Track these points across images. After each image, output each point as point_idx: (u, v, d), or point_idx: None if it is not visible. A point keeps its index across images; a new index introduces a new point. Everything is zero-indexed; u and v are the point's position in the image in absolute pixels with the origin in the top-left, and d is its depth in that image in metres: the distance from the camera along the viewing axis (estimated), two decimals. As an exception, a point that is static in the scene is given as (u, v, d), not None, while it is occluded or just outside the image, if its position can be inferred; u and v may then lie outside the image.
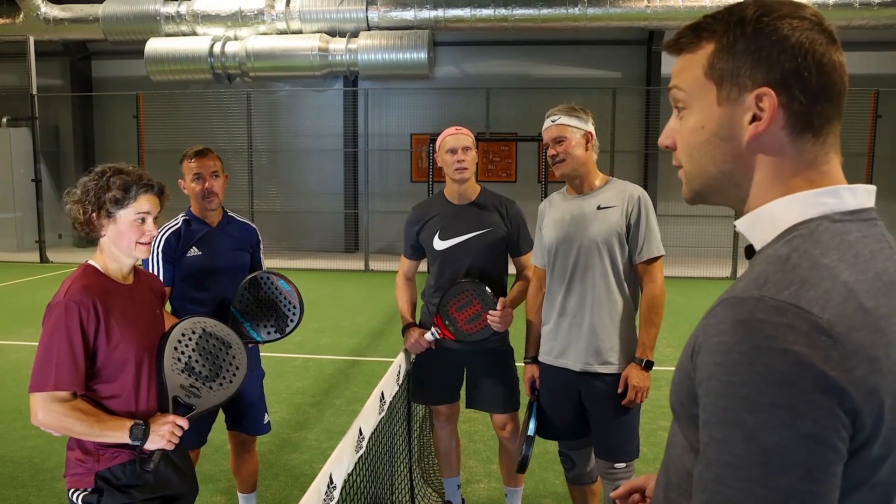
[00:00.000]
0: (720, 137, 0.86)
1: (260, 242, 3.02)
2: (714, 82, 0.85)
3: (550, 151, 2.56)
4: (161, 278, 2.69)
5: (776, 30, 0.81)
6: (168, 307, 2.77)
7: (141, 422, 1.87)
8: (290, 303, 2.68)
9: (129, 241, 1.91)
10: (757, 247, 0.86)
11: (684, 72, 0.89)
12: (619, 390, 2.50)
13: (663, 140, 0.94)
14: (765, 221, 0.84)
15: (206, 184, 2.75)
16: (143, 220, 1.93)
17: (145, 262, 2.72)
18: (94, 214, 1.89)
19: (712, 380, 0.73)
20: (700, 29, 0.87)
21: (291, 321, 2.68)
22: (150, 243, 1.97)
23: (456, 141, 2.81)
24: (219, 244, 2.82)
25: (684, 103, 0.90)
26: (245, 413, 2.93)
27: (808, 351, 0.68)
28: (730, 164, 0.86)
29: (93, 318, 1.84)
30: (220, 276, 2.77)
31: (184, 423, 1.95)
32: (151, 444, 1.89)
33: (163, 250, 2.71)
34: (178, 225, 2.79)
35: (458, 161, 2.79)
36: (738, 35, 0.83)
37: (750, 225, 0.87)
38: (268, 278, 2.69)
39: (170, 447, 1.93)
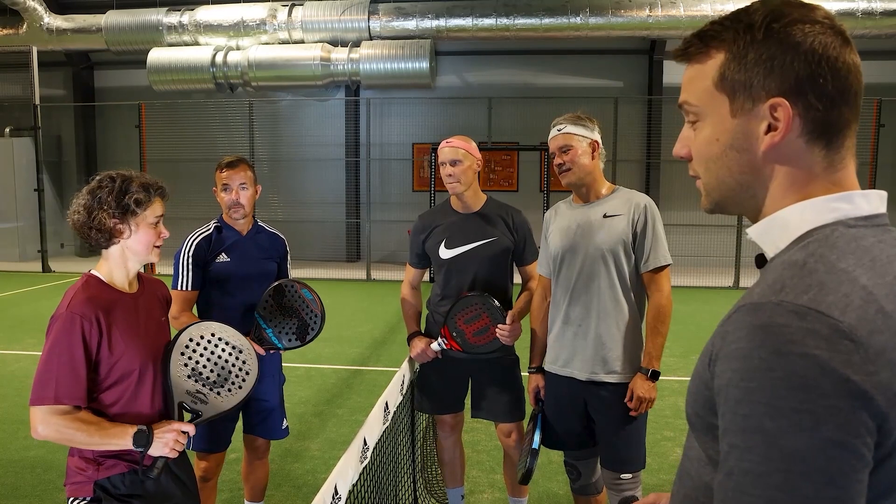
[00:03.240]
0: (736, 149, 0.84)
1: (288, 253, 3.07)
2: (726, 94, 0.84)
3: (557, 160, 2.55)
4: (190, 282, 2.76)
5: (788, 36, 0.79)
6: (194, 310, 2.82)
7: (144, 428, 1.85)
8: (312, 311, 2.71)
9: (146, 244, 1.93)
10: (770, 254, 0.84)
11: (693, 84, 0.88)
12: (626, 400, 2.48)
13: (678, 150, 0.93)
14: (778, 228, 0.83)
15: (234, 195, 2.80)
16: (158, 222, 1.95)
17: (176, 264, 2.78)
18: (115, 220, 1.88)
19: (731, 387, 0.72)
20: (708, 37, 0.85)
21: (312, 329, 2.71)
22: (160, 247, 1.99)
23: (445, 154, 2.82)
24: (247, 252, 2.87)
25: (696, 115, 0.88)
26: (265, 418, 2.95)
27: (829, 355, 0.67)
28: (747, 175, 0.85)
29: (95, 331, 1.82)
30: (246, 284, 2.82)
31: (189, 428, 1.93)
32: (155, 451, 1.87)
33: (193, 255, 2.77)
34: (210, 231, 2.85)
35: (448, 175, 2.81)
36: (748, 43, 0.81)
37: (763, 232, 0.85)
38: (292, 286, 2.73)
39: (173, 455, 1.90)
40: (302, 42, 12.10)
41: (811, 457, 0.65)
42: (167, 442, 1.88)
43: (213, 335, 2.08)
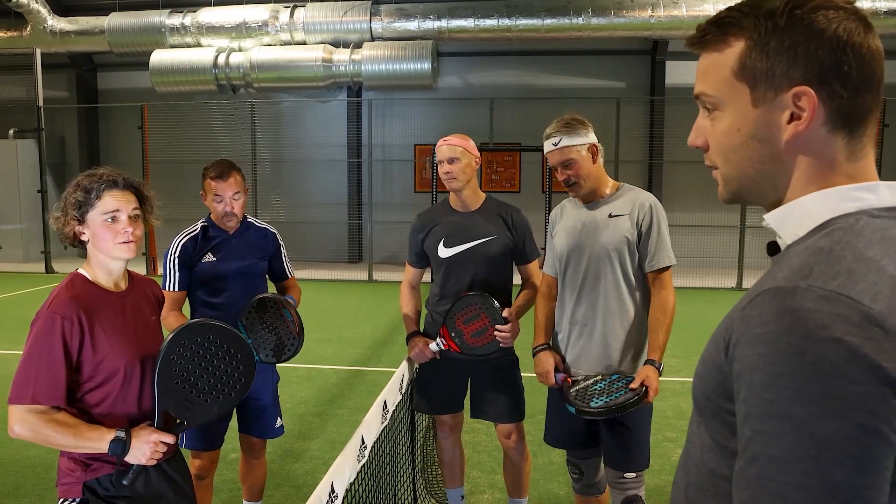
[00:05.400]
0: (757, 139, 0.83)
1: (281, 247, 3.04)
2: (747, 83, 0.82)
3: (560, 176, 2.50)
4: (176, 283, 2.75)
5: (812, 23, 0.77)
6: (186, 311, 2.81)
7: (122, 433, 1.80)
8: (290, 333, 2.70)
9: (106, 242, 1.85)
10: (788, 240, 0.83)
11: (710, 74, 0.85)
12: (636, 385, 2.40)
13: (694, 140, 0.91)
14: (798, 215, 0.82)
15: (227, 206, 2.80)
16: (114, 218, 1.85)
17: (164, 265, 2.78)
18: (73, 223, 1.86)
19: (756, 371, 0.70)
20: (726, 24, 0.83)
21: (288, 350, 2.70)
22: (132, 242, 1.87)
23: (443, 152, 2.81)
24: (234, 251, 2.86)
25: (714, 105, 0.86)
26: (259, 416, 2.94)
27: (860, 341, 0.66)
28: (768, 165, 0.83)
29: (76, 331, 1.79)
30: (234, 283, 2.82)
31: (169, 438, 1.88)
32: (131, 459, 1.83)
33: (179, 255, 2.77)
34: (197, 231, 2.85)
35: (446, 173, 2.80)
36: (769, 30, 0.79)
37: (782, 218, 0.84)
38: (274, 304, 2.71)
39: (150, 464, 1.87)
40: (304, 43, 12.12)
41: (842, 443, 0.64)
42: (144, 452, 1.83)
43: (210, 337, 1.95)
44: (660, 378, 2.44)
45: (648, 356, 2.47)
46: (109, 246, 1.86)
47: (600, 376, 2.45)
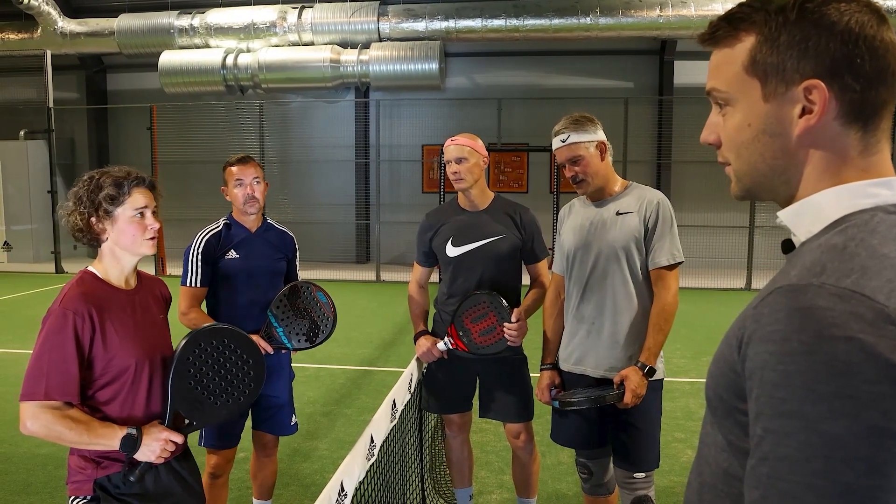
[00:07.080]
0: (769, 134, 0.82)
1: (296, 251, 3.10)
2: (758, 78, 0.81)
3: (568, 173, 2.50)
4: (199, 279, 2.78)
5: (822, 16, 0.77)
6: (203, 307, 2.83)
7: (134, 431, 1.82)
8: (324, 315, 2.77)
9: (132, 238, 1.87)
10: (802, 237, 0.82)
11: (721, 69, 0.85)
12: (615, 385, 2.43)
13: (706, 136, 0.90)
14: (812, 211, 0.81)
15: (248, 189, 2.83)
16: (142, 214, 1.89)
17: (186, 261, 2.80)
18: (92, 219, 1.86)
19: (767, 370, 0.69)
20: (737, 20, 0.83)
21: (322, 332, 2.77)
22: (155, 238, 1.92)
23: (450, 153, 2.82)
24: (256, 249, 2.89)
25: (725, 100, 0.86)
26: (274, 414, 2.96)
27: (873, 340, 0.64)
28: (780, 160, 0.83)
29: (88, 327, 1.80)
30: (255, 280, 2.84)
31: (178, 438, 1.90)
32: (140, 456, 1.85)
33: (202, 251, 2.80)
34: (219, 228, 2.88)
35: (453, 172, 2.81)
36: (780, 24, 0.79)
37: (795, 215, 0.83)
38: (307, 288, 2.78)
39: (159, 461, 1.88)
40: (312, 44, 12.16)
41: (853, 443, 0.63)
42: (154, 450, 1.84)
43: (224, 341, 2.00)
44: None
45: (640, 358, 2.45)
46: (137, 241, 1.89)
47: (593, 396, 2.47)
